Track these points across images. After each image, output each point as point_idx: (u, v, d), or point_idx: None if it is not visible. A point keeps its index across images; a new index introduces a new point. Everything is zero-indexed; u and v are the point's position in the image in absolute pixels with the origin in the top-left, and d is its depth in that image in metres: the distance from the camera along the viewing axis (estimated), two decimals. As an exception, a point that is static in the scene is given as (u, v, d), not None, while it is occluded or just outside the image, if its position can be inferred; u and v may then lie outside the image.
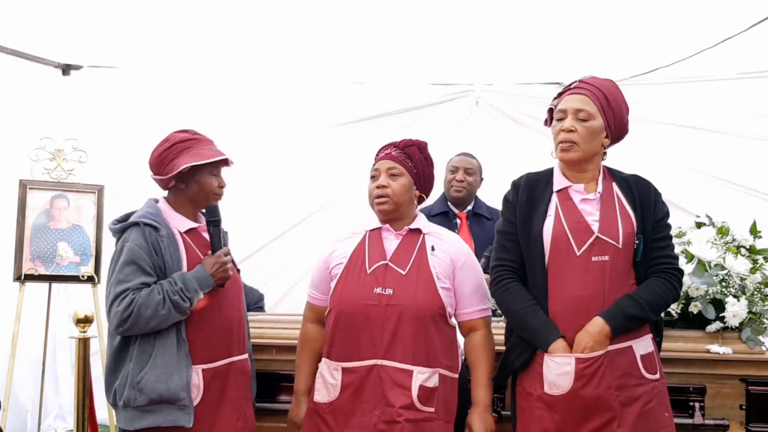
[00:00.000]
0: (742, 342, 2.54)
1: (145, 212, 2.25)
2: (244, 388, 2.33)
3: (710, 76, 4.31)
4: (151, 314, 2.10)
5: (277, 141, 4.80)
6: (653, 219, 2.13)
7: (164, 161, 2.26)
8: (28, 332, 3.91)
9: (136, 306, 2.10)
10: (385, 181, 2.24)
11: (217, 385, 2.23)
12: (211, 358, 2.23)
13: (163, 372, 2.12)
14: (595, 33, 4.05)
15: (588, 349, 2.02)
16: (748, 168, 4.28)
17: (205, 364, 2.21)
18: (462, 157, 3.59)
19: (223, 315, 2.27)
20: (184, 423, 2.14)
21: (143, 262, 2.16)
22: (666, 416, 2.09)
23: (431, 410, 2.11)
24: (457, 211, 3.54)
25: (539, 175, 2.23)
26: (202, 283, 2.19)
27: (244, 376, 2.33)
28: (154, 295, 2.11)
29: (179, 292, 2.13)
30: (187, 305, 2.15)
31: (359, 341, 2.15)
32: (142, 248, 2.17)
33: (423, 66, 4.58)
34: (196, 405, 2.17)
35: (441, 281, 2.19)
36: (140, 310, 2.10)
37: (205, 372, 2.21)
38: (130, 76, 4.64)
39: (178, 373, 2.13)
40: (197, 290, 2.17)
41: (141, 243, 2.17)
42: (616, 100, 2.15)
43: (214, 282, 2.22)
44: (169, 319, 2.14)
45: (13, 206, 3.86)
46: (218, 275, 2.22)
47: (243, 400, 2.31)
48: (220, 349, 2.25)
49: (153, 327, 2.13)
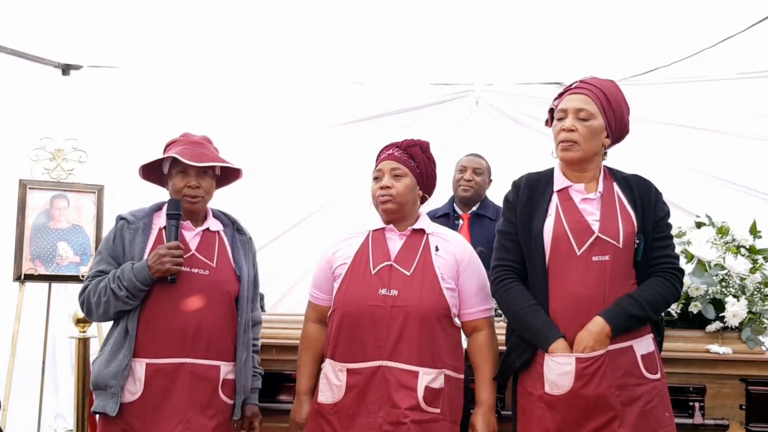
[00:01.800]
0: (742, 342, 2.54)
1: (137, 208, 2.36)
2: (197, 394, 2.21)
3: (710, 76, 4.30)
4: (96, 301, 2.21)
5: (277, 141, 4.79)
6: (654, 218, 2.13)
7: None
8: (28, 332, 3.91)
9: (87, 292, 2.24)
10: (389, 182, 2.24)
11: (161, 383, 2.19)
12: (157, 354, 2.20)
13: (105, 359, 2.20)
14: (595, 33, 4.05)
15: (588, 348, 2.02)
16: (748, 168, 4.28)
17: (149, 358, 2.20)
18: (471, 157, 3.62)
19: (177, 313, 2.21)
20: (109, 410, 2.16)
21: (105, 252, 2.29)
22: (667, 416, 2.09)
23: (437, 411, 2.12)
24: (462, 212, 3.56)
25: (540, 175, 2.24)
26: (139, 273, 2.17)
27: (199, 381, 2.22)
28: (101, 283, 2.21)
29: (116, 279, 2.18)
30: (123, 294, 2.16)
31: (364, 342, 2.15)
32: (109, 239, 2.30)
33: (423, 66, 4.57)
34: (136, 399, 2.18)
35: (445, 282, 2.19)
36: (89, 296, 2.23)
37: (149, 366, 2.19)
38: (130, 76, 4.63)
39: (115, 360, 2.18)
40: (131, 280, 2.16)
41: (110, 234, 2.32)
42: (616, 100, 2.15)
43: (151, 273, 2.16)
44: (111, 306, 2.19)
45: (13, 206, 3.86)
46: (155, 267, 2.16)
47: (189, 405, 2.20)
48: (169, 347, 2.20)
49: (101, 314, 2.23)
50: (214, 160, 2.32)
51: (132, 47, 4.38)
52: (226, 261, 2.36)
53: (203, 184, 2.32)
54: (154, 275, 2.17)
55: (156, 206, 2.38)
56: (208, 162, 2.30)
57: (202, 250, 2.32)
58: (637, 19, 3.91)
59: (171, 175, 2.33)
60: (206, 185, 2.34)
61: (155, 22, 4.09)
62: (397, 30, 4.15)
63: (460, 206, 3.57)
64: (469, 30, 4.12)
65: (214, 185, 2.39)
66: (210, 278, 2.29)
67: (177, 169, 2.31)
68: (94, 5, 3.92)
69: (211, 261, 2.32)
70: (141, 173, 2.37)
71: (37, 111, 4.39)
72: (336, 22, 4.08)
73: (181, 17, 4.04)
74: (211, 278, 2.30)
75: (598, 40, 4.09)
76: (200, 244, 2.33)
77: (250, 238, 2.50)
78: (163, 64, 4.57)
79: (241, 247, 2.42)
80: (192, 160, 2.26)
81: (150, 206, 2.38)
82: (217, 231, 2.40)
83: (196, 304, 2.24)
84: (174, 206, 2.28)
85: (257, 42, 4.30)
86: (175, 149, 2.30)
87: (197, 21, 4.08)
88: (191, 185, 2.30)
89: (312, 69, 4.59)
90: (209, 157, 2.32)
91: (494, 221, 3.44)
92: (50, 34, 4.22)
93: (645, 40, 4.08)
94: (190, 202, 2.31)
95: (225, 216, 2.50)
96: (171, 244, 2.21)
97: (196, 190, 2.31)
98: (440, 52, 4.38)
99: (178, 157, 2.25)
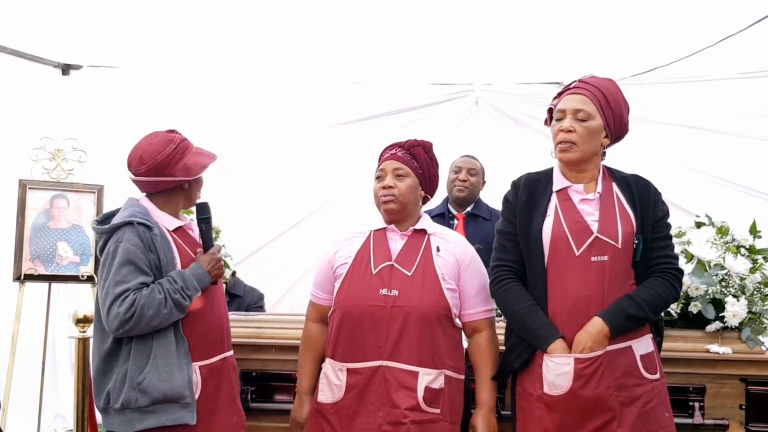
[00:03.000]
0: (741, 342, 2.54)
1: (135, 212, 2.22)
2: (236, 383, 2.37)
3: (709, 76, 4.31)
4: (153, 314, 2.09)
5: (277, 141, 4.80)
6: (653, 218, 2.13)
7: (171, 162, 2.25)
8: (28, 332, 3.91)
9: (138, 306, 2.07)
10: (392, 182, 2.24)
11: (214, 381, 2.25)
12: (208, 355, 2.25)
13: (165, 371, 2.11)
14: (595, 32, 4.05)
15: (587, 349, 2.02)
16: (748, 168, 4.28)
17: (202, 360, 2.22)
18: (465, 158, 3.64)
19: (215, 312, 2.31)
20: (188, 421, 2.14)
21: (140, 262, 2.14)
22: (666, 416, 2.09)
23: (437, 411, 2.12)
24: (456, 212, 3.56)
25: (539, 175, 2.23)
26: (201, 280, 2.21)
27: (234, 370, 2.37)
28: (155, 294, 2.10)
29: (180, 290, 2.14)
30: (187, 303, 2.16)
31: (364, 342, 2.15)
32: (138, 248, 2.14)
33: (423, 66, 4.58)
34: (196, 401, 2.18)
35: (446, 282, 2.19)
36: (143, 310, 2.08)
37: (203, 369, 2.22)
38: (130, 76, 4.64)
39: (179, 371, 2.13)
40: (197, 288, 2.19)
41: (137, 242, 2.15)
42: (615, 99, 2.15)
43: (211, 279, 2.26)
44: (171, 318, 2.14)
45: (13, 206, 3.86)
46: (214, 272, 2.27)
47: (235, 395, 2.35)
48: (214, 345, 2.28)
49: (154, 327, 2.12)
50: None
51: (131, 47, 4.39)
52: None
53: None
54: (213, 279, 2.27)
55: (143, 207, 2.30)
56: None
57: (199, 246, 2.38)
58: (636, 19, 3.91)
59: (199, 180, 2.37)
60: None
61: (155, 22, 4.09)
62: (397, 30, 4.15)
63: (455, 206, 3.58)
64: (469, 30, 4.13)
65: None
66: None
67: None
68: (94, 5, 3.92)
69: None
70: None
71: (36, 111, 4.40)
72: (336, 22, 4.08)
73: (181, 17, 4.05)
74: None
75: (597, 39, 4.09)
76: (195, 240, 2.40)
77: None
78: (163, 64, 4.58)
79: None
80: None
81: (139, 208, 2.27)
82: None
83: (224, 300, 2.40)
84: (205, 209, 2.34)
85: (257, 42, 4.30)
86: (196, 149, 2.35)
87: (197, 21, 4.08)
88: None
89: (312, 69, 4.60)
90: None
91: (488, 221, 3.46)
92: (50, 34, 4.22)
93: (645, 39, 4.08)
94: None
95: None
96: (218, 247, 2.33)
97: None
98: (440, 52, 4.39)
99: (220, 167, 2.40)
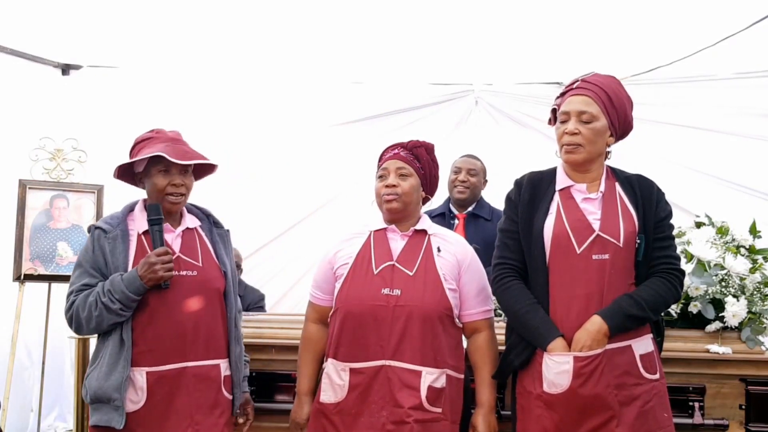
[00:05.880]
0: (741, 342, 2.54)
1: (110, 215, 2.29)
2: (202, 396, 2.22)
3: (710, 76, 4.30)
4: (87, 316, 2.14)
5: (277, 141, 4.80)
6: (655, 218, 2.13)
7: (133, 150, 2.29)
8: (28, 332, 3.91)
9: (75, 308, 2.17)
10: (395, 181, 2.24)
11: (164, 389, 2.17)
12: (159, 362, 2.16)
13: (104, 371, 2.14)
14: (595, 32, 4.05)
15: (586, 347, 2.02)
16: (748, 168, 4.28)
17: (150, 366, 2.16)
18: (466, 158, 3.62)
19: (173, 318, 2.18)
20: (115, 424, 2.11)
21: (87, 264, 2.21)
22: (665, 417, 2.09)
23: (439, 411, 2.12)
24: (458, 212, 3.55)
25: (542, 174, 2.23)
26: (130, 284, 2.11)
27: (203, 382, 2.22)
28: (90, 297, 2.14)
29: (108, 293, 2.11)
30: (116, 306, 2.11)
31: (367, 342, 2.15)
32: (89, 250, 2.22)
33: (423, 66, 4.58)
34: (139, 408, 2.14)
35: (448, 282, 2.19)
36: (78, 311, 2.16)
37: (150, 375, 2.15)
38: (130, 76, 4.63)
39: (115, 373, 2.12)
40: (124, 291, 2.10)
41: (89, 246, 2.23)
42: (618, 97, 2.14)
43: (144, 283, 2.12)
44: (104, 320, 2.13)
45: (13, 206, 3.86)
46: (147, 276, 2.11)
47: (196, 408, 2.20)
48: (168, 353, 2.18)
49: (93, 328, 2.17)
50: (197, 157, 2.26)
51: (131, 47, 4.38)
52: (210, 258, 2.33)
53: (186, 182, 2.27)
54: (147, 284, 2.13)
55: (127, 209, 2.31)
56: (194, 160, 2.24)
57: (186, 251, 2.28)
58: (637, 18, 3.91)
59: (150, 175, 2.24)
60: (189, 183, 2.29)
61: (155, 22, 4.09)
62: (397, 30, 4.15)
63: (456, 206, 3.57)
64: (469, 30, 4.12)
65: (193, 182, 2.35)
66: (199, 278, 2.26)
67: (158, 168, 2.22)
68: (94, 5, 3.92)
69: (197, 261, 2.28)
70: (116, 174, 2.29)
71: (36, 111, 4.40)
72: (336, 22, 4.08)
73: (181, 17, 4.04)
74: (200, 278, 2.26)
75: (597, 39, 4.09)
76: (183, 245, 2.29)
77: (228, 231, 2.45)
78: (163, 64, 4.57)
79: (220, 241, 2.38)
80: (178, 159, 2.20)
81: (122, 210, 2.29)
82: (195, 228, 2.35)
83: (191, 307, 2.22)
84: (155, 211, 2.21)
85: (257, 42, 4.30)
86: (157, 147, 2.21)
87: (197, 21, 4.08)
88: (175, 183, 2.23)
89: (312, 69, 4.60)
90: (192, 155, 2.26)
91: (489, 221, 3.45)
92: (50, 34, 4.22)
93: (645, 39, 4.08)
94: (173, 201, 2.25)
95: (198, 209, 2.43)
96: (159, 251, 2.16)
97: (180, 188, 2.25)
98: (440, 52, 4.39)
99: (167, 156, 2.18)
